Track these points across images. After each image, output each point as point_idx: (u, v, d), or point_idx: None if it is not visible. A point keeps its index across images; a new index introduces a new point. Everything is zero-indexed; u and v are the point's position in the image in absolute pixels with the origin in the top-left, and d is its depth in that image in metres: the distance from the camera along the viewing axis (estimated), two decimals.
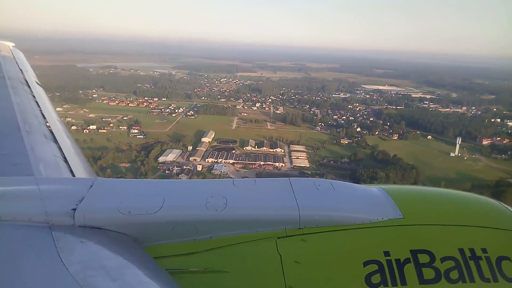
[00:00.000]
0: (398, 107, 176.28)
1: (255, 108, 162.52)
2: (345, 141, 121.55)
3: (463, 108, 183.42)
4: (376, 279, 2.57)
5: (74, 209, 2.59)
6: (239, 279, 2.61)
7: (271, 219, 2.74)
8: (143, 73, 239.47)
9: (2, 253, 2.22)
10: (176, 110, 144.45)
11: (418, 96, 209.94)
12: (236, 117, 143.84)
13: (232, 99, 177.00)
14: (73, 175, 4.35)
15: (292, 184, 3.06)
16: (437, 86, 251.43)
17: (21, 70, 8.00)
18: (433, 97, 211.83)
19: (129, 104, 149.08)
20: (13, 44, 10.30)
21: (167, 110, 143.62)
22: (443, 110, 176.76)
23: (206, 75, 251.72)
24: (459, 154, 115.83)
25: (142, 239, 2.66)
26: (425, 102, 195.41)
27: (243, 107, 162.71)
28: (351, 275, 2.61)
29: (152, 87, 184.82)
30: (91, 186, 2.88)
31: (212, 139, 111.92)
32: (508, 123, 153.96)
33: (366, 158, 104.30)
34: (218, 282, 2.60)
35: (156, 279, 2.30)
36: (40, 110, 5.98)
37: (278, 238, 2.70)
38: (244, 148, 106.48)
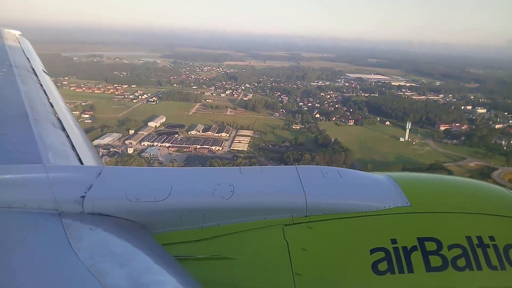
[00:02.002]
0: (372, 95, 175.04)
1: (224, 95, 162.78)
2: (297, 127, 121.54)
3: (440, 95, 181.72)
4: (383, 266, 2.57)
5: (83, 197, 2.63)
6: (246, 266, 2.64)
7: (278, 206, 2.76)
8: (127, 61, 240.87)
9: (14, 240, 2.27)
10: (139, 97, 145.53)
11: (397, 84, 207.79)
12: (199, 104, 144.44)
13: (205, 86, 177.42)
14: (81, 163, 4.38)
15: (299, 172, 3.06)
16: (425, 75, 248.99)
17: (28, 58, 8.05)
18: (413, 85, 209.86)
19: (95, 91, 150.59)
20: (20, 33, 10.36)
21: (131, 96, 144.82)
22: (417, 97, 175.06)
23: (191, 64, 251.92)
24: (409, 139, 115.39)
25: (150, 226, 2.69)
26: (402, 90, 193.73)
27: (212, 94, 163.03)
28: (358, 262, 2.61)
29: (128, 74, 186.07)
30: (99, 173, 2.93)
31: (161, 124, 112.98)
32: (478, 110, 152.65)
33: (309, 142, 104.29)
34: (226, 269, 2.63)
35: (164, 266, 2.32)
36: (48, 99, 6.03)
37: (285, 225, 2.72)
38: (189, 133, 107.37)
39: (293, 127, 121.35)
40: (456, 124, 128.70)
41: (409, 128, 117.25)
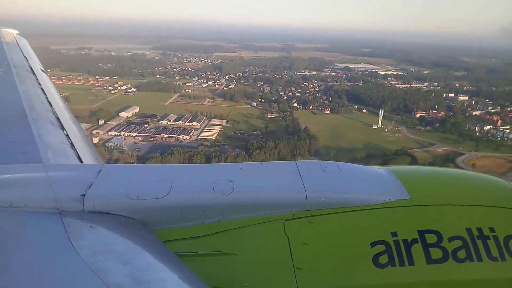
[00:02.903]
0: (356, 84, 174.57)
1: (205, 85, 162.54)
2: (272, 116, 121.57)
3: (425, 84, 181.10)
4: (383, 259, 2.58)
5: (83, 195, 2.63)
6: (248, 261, 2.64)
7: (279, 201, 2.77)
8: (115, 53, 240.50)
9: (15, 239, 2.27)
10: (118, 88, 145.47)
11: (383, 73, 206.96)
12: (178, 94, 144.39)
13: (188, 77, 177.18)
14: (81, 162, 4.40)
15: (299, 167, 3.07)
16: (415, 64, 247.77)
17: (25, 57, 8.05)
18: (400, 73, 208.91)
19: (75, 83, 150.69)
20: (17, 32, 10.38)
21: (110, 87, 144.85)
22: (401, 86, 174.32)
23: (180, 55, 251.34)
24: (382, 126, 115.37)
25: (151, 223, 2.70)
26: (388, 78, 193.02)
27: (194, 84, 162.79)
28: (359, 256, 2.62)
29: (112, 66, 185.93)
30: (99, 172, 2.93)
31: (133, 114, 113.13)
32: (459, 98, 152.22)
33: (280, 130, 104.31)
34: (227, 264, 2.64)
35: (165, 263, 2.31)
36: (46, 97, 6.05)
37: (286, 220, 2.72)
38: (160, 122, 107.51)
39: (268, 116, 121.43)
40: (433, 111, 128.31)
41: (382, 115, 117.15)
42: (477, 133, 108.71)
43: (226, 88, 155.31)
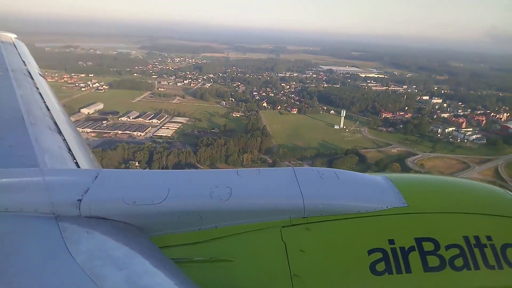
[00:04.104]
0: (335, 85, 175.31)
1: (180, 84, 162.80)
2: (237, 114, 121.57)
3: (403, 87, 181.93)
4: (380, 267, 2.55)
5: (80, 200, 2.60)
6: (244, 268, 2.62)
7: (276, 208, 2.74)
8: (100, 52, 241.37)
9: (10, 244, 2.24)
10: (91, 85, 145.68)
11: (363, 75, 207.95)
12: (149, 92, 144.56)
13: (165, 76, 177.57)
14: (78, 166, 4.40)
15: (296, 173, 3.05)
16: (401, 68, 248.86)
17: (23, 61, 8.00)
18: (381, 76, 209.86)
19: (48, 79, 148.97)
20: (15, 36, 10.34)
21: (82, 85, 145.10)
22: (377, 88, 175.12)
23: (166, 55, 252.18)
24: (344, 127, 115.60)
25: (147, 229, 2.67)
26: (368, 81, 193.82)
27: (168, 83, 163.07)
28: (356, 263, 2.59)
29: (92, 64, 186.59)
30: (96, 177, 2.91)
31: (95, 110, 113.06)
32: (432, 101, 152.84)
33: (239, 129, 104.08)
34: (224, 271, 2.62)
35: (162, 269, 2.31)
36: (44, 102, 6.01)
37: (283, 227, 2.70)
38: (120, 119, 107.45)
39: (234, 115, 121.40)
40: (400, 113, 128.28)
41: (344, 116, 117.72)
42: (439, 135, 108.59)
43: (200, 87, 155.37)
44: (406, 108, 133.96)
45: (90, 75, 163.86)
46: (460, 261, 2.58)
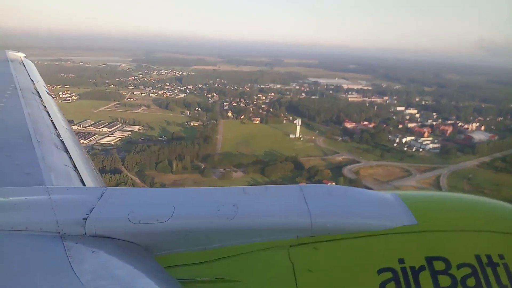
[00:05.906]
0: (313, 96, 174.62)
1: (153, 94, 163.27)
2: (195, 124, 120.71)
3: (384, 98, 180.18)
4: (390, 287, 2.46)
5: (85, 219, 2.56)
6: None
7: (283, 227, 2.64)
8: (89, 65, 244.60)
9: (15, 262, 2.23)
10: (61, 95, 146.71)
11: (346, 87, 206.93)
12: (116, 102, 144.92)
13: (142, 87, 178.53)
14: (84, 185, 4.41)
15: (304, 191, 2.95)
16: (392, 80, 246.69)
17: (32, 80, 8.26)
18: (364, 88, 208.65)
19: None
20: (24, 55, 10.82)
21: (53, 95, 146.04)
22: (355, 99, 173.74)
23: (156, 67, 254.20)
24: (300, 136, 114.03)
25: (152, 248, 2.61)
26: (348, 92, 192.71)
27: (141, 94, 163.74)
28: (365, 283, 2.49)
29: (73, 76, 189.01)
30: (102, 195, 2.88)
31: None
32: (407, 111, 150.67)
33: (188, 137, 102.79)
34: None
35: None
36: (51, 120, 6.10)
37: (290, 246, 2.60)
38: (71, 127, 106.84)
39: (192, 124, 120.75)
40: (365, 123, 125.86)
41: (299, 124, 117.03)
42: (396, 144, 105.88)
43: (167, 97, 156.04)
44: (371, 118, 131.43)
45: (65, 86, 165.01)
46: (472, 280, 2.48)
